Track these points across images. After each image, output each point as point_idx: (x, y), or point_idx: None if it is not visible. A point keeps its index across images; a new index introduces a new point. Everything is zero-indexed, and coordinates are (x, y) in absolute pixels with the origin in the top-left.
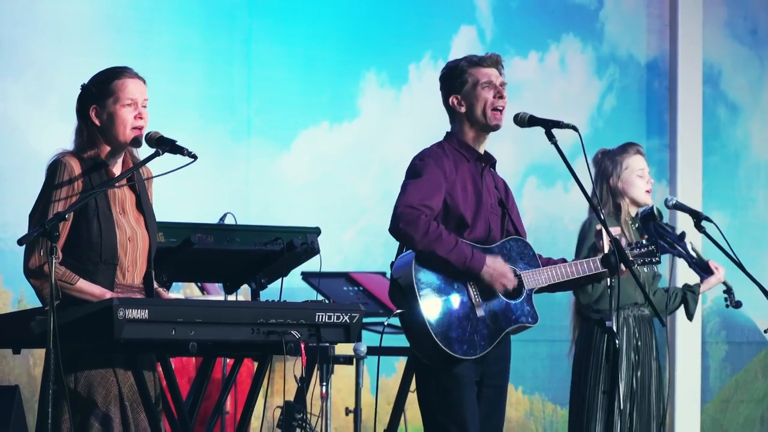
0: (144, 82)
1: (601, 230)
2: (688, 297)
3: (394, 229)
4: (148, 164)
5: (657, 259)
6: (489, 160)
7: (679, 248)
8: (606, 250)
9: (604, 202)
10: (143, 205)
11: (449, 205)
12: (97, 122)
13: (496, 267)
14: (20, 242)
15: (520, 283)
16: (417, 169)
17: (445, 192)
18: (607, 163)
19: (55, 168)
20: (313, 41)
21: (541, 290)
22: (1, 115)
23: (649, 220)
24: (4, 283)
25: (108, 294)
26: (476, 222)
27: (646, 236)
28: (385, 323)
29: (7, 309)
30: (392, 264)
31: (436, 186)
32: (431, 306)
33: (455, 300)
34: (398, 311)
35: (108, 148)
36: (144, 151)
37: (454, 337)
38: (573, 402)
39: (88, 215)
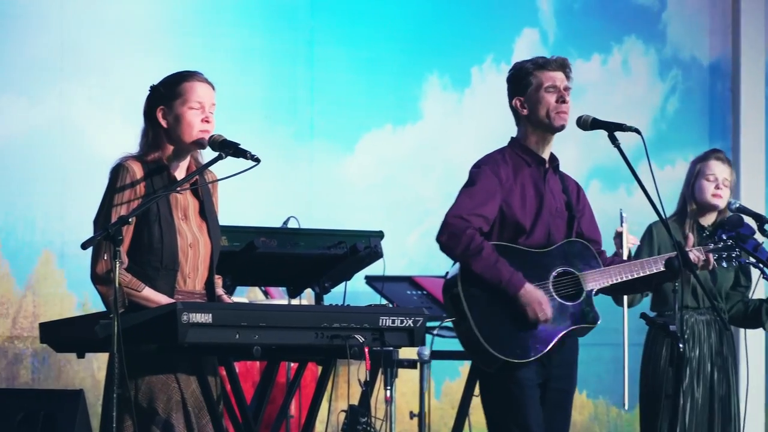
0: (213, 87)
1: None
2: (763, 309)
3: (438, 239)
4: (212, 167)
5: (737, 253)
6: (553, 162)
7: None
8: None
9: (679, 207)
10: (206, 212)
11: (505, 211)
12: (163, 123)
13: (532, 295)
14: (84, 246)
15: (580, 283)
16: (472, 177)
17: (501, 199)
18: (689, 168)
19: (117, 172)
20: (375, 43)
21: (603, 291)
22: (65, 118)
23: (735, 226)
24: (68, 287)
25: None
26: (535, 227)
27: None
28: (435, 332)
29: (71, 313)
30: (446, 273)
31: (490, 194)
32: (480, 314)
33: (505, 305)
34: (448, 319)
35: (172, 152)
36: (207, 154)
37: (506, 342)
38: (642, 406)
39: (150, 220)
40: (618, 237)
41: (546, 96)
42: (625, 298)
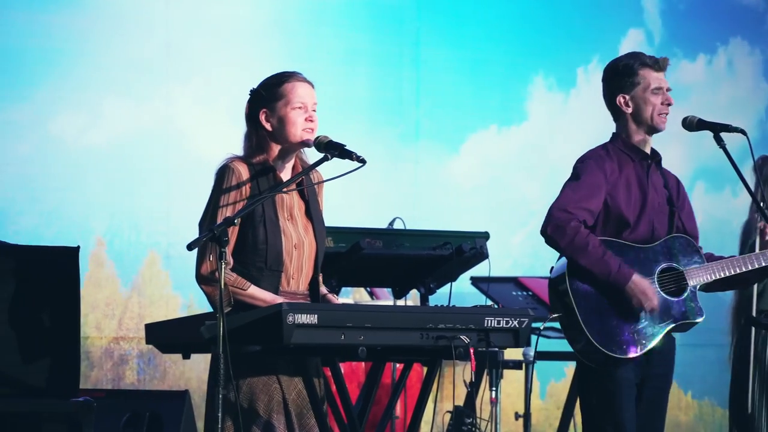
0: (312, 86)
1: (764, 227)
2: None
3: (543, 232)
4: (318, 168)
5: None
6: (655, 157)
7: None
8: None
9: (766, 205)
10: (312, 212)
11: (610, 205)
12: (267, 126)
13: (639, 286)
14: (189, 247)
15: (683, 279)
16: (577, 171)
17: (606, 193)
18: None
19: (223, 173)
20: (481, 44)
21: (707, 288)
22: (170, 119)
23: None
24: (174, 288)
25: (279, 300)
26: (639, 222)
27: None
28: (541, 328)
29: (176, 314)
30: (551, 269)
31: (595, 187)
32: (587, 308)
33: (612, 300)
34: (554, 315)
35: (277, 153)
36: (313, 155)
37: (613, 338)
38: (732, 407)
39: (255, 221)
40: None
41: (653, 98)
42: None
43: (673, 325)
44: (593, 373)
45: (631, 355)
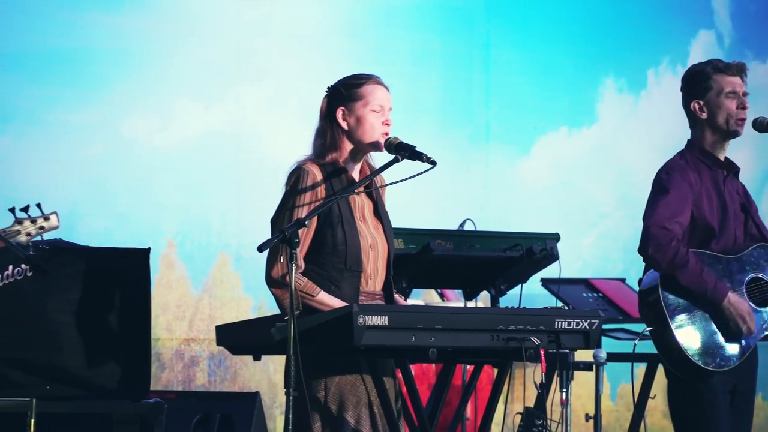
0: (389, 91)
1: None
2: None
3: (643, 251)
4: (383, 172)
5: None
6: (731, 169)
7: None
8: None
9: None
10: (381, 213)
11: (696, 216)
12: (343, 124)
13: (737, 308)
14: (260, 249)
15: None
16: (664, 183)
17: (692, 204)
18: None
19: (297, 174)
20: (551, 46)
21: None
22: (240, 121)
23: None
24: (244, 290)
25: None
26: (723, 230)
27: None
28: (636, 341)
29: (247, 316)
30: (640, 281)
31: (684, 200)
32: (681, 322)
33: (705, 313)
34: (648, 329)
35: (348, 154)
36: (381, 157)
37: (706, 351)
38: None
39: (333, 222)
40: None
41: (726, 102)
42: None
43: (762, 335)
44: (686, 385)
45: (726, 367)
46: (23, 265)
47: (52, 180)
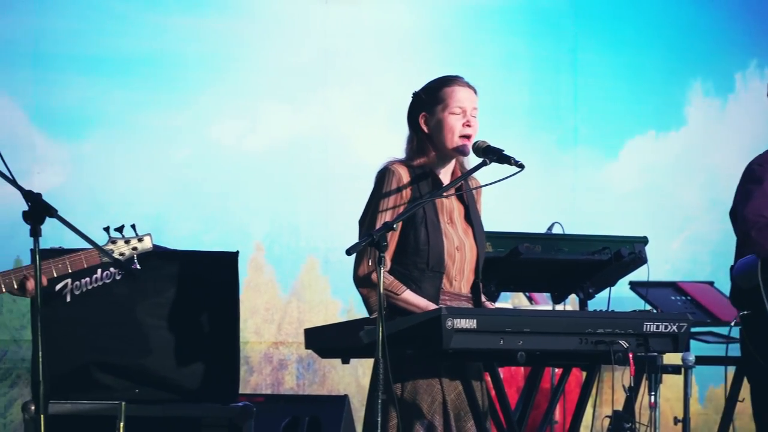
0: (475, 91)
1: None
2: None
3: (744, 235)
4: (477, 174)
5: None
6: None
7: None
8: None
9: None
10: (471, 216)
11: None
12: (426, 129)
13: None
14: (348, 252)
15: None
16: (758, 174)
17: None
18: None
19: (383, 176)
20: (638, 49)
21: None
22: (329, 124)
23: None
24: (333, 293)
25: (432, 306)
26: None
27: None
28: (732, 324)
29: (335, 319)
30: (732, 267)
31: None
32: None
33: None
34: (743, 313)
35: (436, 158)
36: (472, 159)
37: None
38: None
39: (416, 223)
40: None
41: None
42: None
43: None
44: None
45: None
46: (112, 269)
47: (141, 184)
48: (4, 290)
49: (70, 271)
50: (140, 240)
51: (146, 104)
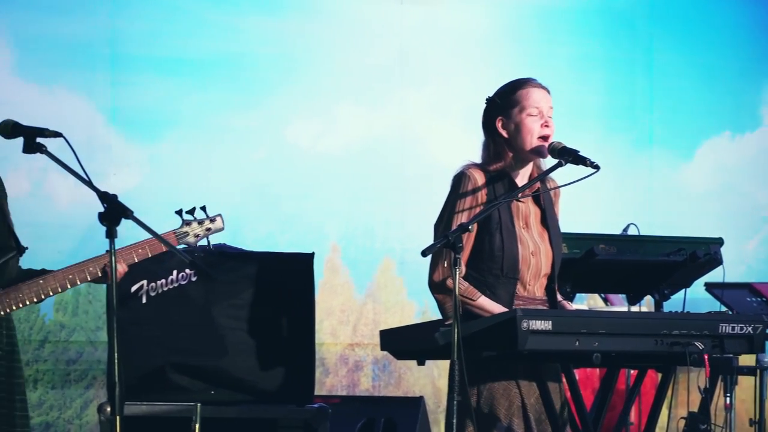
0: (548, 91)
1: None
2: None
3: None
4: (552, 175)
5: None
6: None
7: None
8: None
9: None
10: (548, 219)
11: None
12: (503, 133)
13: None
14: (424, 253)
15: None
16: None
17: None
18: None
19: (459, 179)
20: (714, 49)
21: None
22: (405, 126)
23: None
24: (408, 295)
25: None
26: None
27: None
28: None
29: (411, 320)
30: None
31: None
32: None
33: None
34: None
35: (513, 161)
36: (548, 161)
37: None
38: None
39: (491, 228)
40: None
41: None
42: None
43: None
44: None
45: None
46: (188, 270)
47: (217, 184)
48: (88, 279)
49: (149, 255)
50: (212, 220)
51: (222, 105)
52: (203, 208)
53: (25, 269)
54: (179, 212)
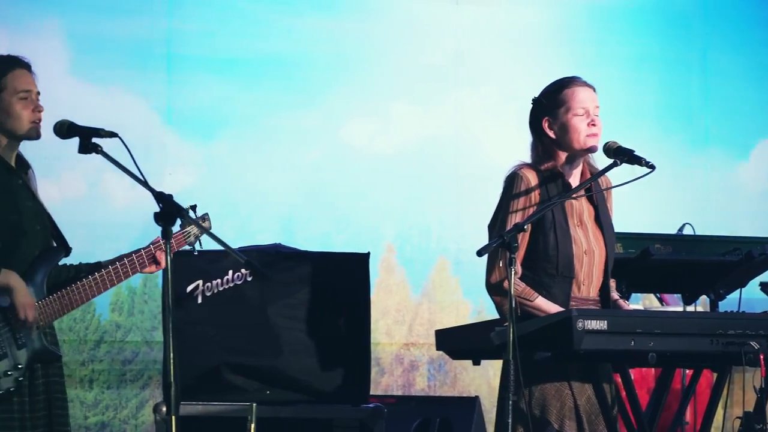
0: (594, 90)
1: None
2: None
3: None
4: (606, 174)
5: None
6: None
7: None
8: None
9: None
10: (601, 218)
11: None
12: (550, 134)
13: None
14: (479, 253)
15: None
16: None
17: None
18: None
19: (512, 180)
20: None
21: None
22: (460, 126)
23: None
24: (464, 294)
25: None
26: None
27: None
28: None
29: (466, 320)
30: None
31: None
32: None
33: None
34: None
35: (564, 159)
36: (600, 160)
37: None
38: None
39: (545, 227)
40: None
41: None
42: None
43: None
44: None
45: None
46: (243, 270)
47: (272, 184)
48: (138, 269)
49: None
50: (204, 220)
51: (277, 105)
52: (193, 208)
53: (64, 265)
54: (194, 207)
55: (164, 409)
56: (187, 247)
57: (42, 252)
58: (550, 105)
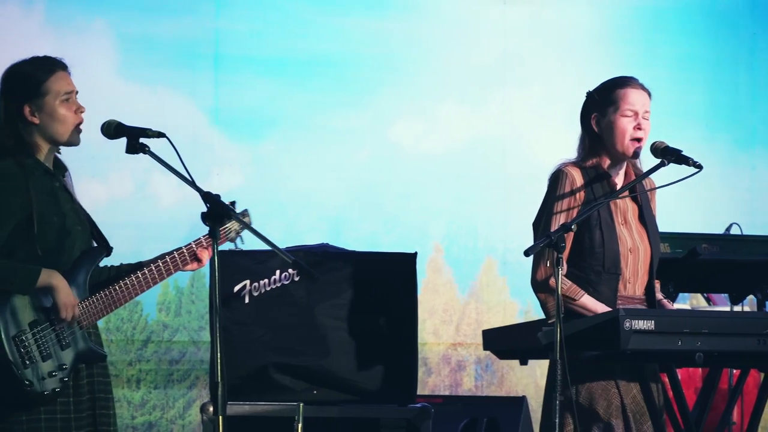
0: (649, 94)
1: None
2: None
3: None
4: (651, 175)
5: None
6: None
7: None
8: None
9: None
10: (645, 217)
11: None
12: (596, 130)
13: None
14: (526, 253)
15: None
16: None
17: None
18: None
19: (556, 178)
20: None
21: None
22: (507, 126)
23: None
24: (511, 294)
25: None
26: None
27: None
28: None
29: (513, 320)
30: None
31: None
32: None
33: None
34: None
35: (609, 158)
36: (647, 161)
37: None
38: None
39: (591, 225)
40: None
41: None
42: None
43: None
44: None
45: None
46: (290, 270)
47: (320, 184)
48: (180, 267)
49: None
50: (244, 215)
51: (326, 105)
52: (233, 204)
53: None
54: (233, 203)
55: (211, 409)
56: (228, 244)
57: (84, 252)
58: (601, 101)
